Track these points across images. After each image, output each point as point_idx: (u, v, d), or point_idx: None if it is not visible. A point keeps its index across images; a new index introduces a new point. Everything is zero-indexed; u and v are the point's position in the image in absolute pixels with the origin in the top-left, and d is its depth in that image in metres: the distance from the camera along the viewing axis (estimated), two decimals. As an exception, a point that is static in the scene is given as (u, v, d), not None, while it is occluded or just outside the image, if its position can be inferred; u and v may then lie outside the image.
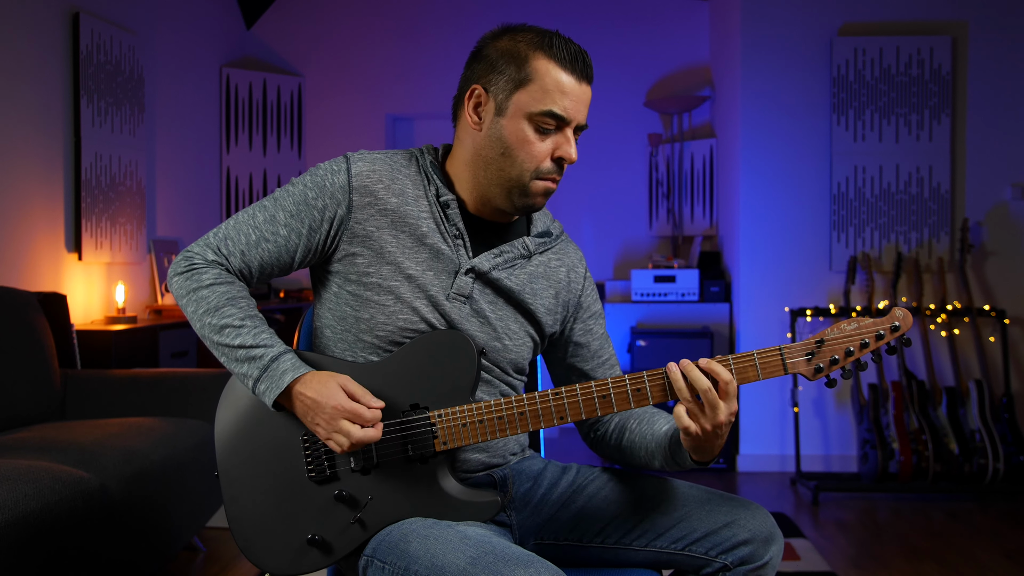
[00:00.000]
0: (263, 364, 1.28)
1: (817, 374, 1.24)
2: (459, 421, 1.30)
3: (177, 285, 1.34)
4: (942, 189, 4.19)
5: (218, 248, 1.35)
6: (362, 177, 1.34)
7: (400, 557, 1.21)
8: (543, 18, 5.15)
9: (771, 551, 1.34)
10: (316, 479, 1.31)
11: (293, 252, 1.36)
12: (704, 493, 1.40)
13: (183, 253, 1.36)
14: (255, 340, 1.29)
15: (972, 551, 3.11)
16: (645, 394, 1.27)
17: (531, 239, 1.43)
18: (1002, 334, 4.04)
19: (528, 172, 1.32)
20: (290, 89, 5.17)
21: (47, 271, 3.44)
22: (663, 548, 1.37)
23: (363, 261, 1.35)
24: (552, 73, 1.29)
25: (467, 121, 1.35)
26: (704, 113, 5.06)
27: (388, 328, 1.34)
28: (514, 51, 1.31)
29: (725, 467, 4.24)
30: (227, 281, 1.33)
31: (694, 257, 4.66)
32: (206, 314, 1.31)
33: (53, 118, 3.49)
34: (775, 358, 1.25)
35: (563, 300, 1.47)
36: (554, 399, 1.29)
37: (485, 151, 1.34)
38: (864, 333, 1.24)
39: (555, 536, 1.43)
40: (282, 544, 1.32)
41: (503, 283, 1.39)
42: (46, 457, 2.04)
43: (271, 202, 1.36)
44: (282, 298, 4.89)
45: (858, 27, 4.26)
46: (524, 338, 1.43)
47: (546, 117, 1.30)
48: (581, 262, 1.51)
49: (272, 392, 1.27)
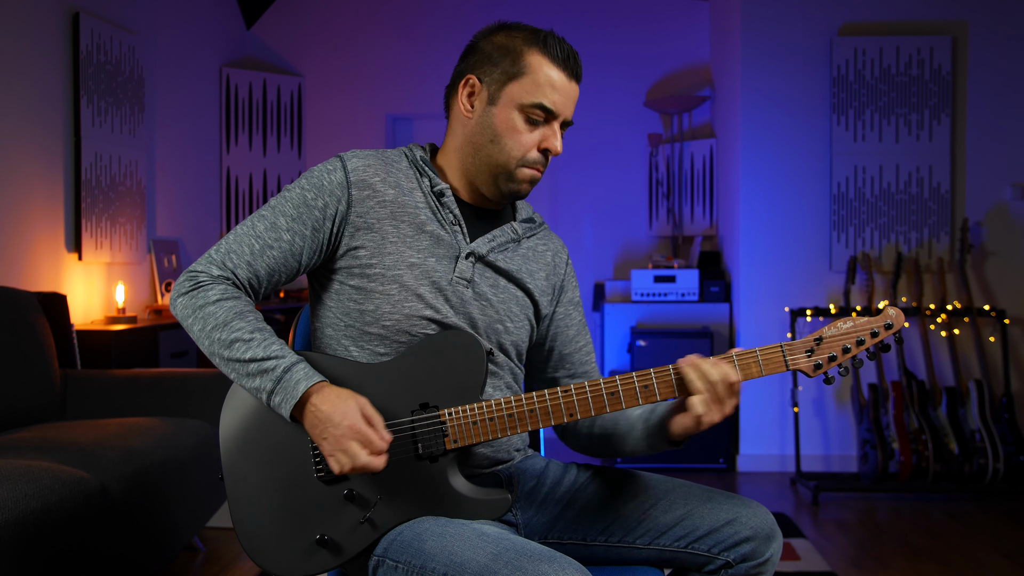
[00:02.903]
0: (276, 376, 1.26)
1: (816, 371, 1.30)
2: (469, 419, 1.30)
3: (182, 306, 1.32)
4: (942, 189, 4.19)
5: (223, 263, 1.33)
6: (359, 172, 1.37)
7: (415, 556, 1.21)
8: (543, 18, 5.15)
9: (772, 548, 1.37)
10: (325, 479, 1.31)
11: (299, 255, 1.36)
12: (705, 491, 1.42)
13: (186, 273, 1.34)
14: (266, 352, 1.27)
15: (972, 551, 3.11)
16: (653, 391, 1.30)
17: (518, 224, 1.48)
18: (1002, 334, 4.04)
19: (515, 159, 1.38)
20: (290, 89, 5.17)
21: (47, 271, 3.44)
22: (666, 546, 1.39)
23: (366, 253, 1.36)
24: (545, 68, 1.36)
25: (460, 109, 1.41)
26: (704, 113, 5.06)
27: (394, 317, 1.35)
28: (509, 46, 1.38)
29: (725, 467, 4.24)
30: (234, 296, 1.32)
31: (694, 257, 4.66)
32: (214, 330, 1.28)
33: (53, 118, 3.49)
34: (777, 355, 1.29)
35: (552, 282, 1.52)
36: (563, 396, 1.30)
37: (475, 138, 1.39)
38: (860, 331, 1.30)
39: (560, 535, 1.44)
40: (290, 545, 1.31)
41: (501, 265, 1.43)
42: (46, 457, 2.04)
43: (269, 211, 1.36)
44: (282, 298, 4.89)
45: (858, 27, 4.26)
46: (524, 321, 1.47)
47: (536, 109, 1.36)
48: (564, 250, 1.58)
49: (288, 404, 1.25)
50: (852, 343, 1.29)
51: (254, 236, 1.35)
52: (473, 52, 1.41)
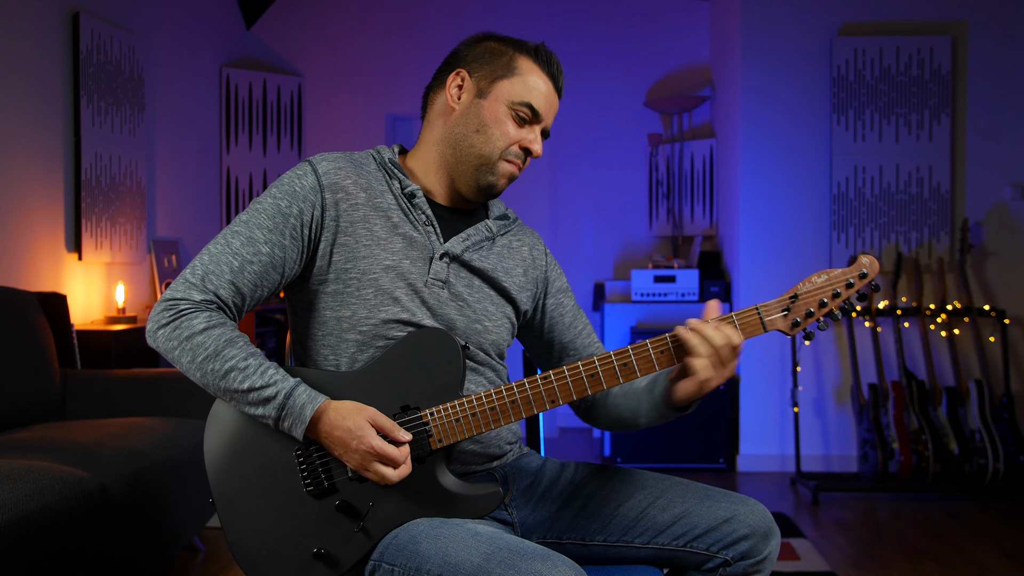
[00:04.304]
0: (279, 403, 1.26)
1: (794, 328, 1.30)
2: (452, 417, 1.30)
3: (164, 338, 1.28)
4: (942, 189, 4.19)
5: (203, 285, 1.29)
6: (330, 175, 1.37)
7: (410, 558, 1.21)
8: (543, 18, 5.16)
9: (770, 545, 1.37)
10: (315, 492, 1.30)
11: (280, 266, 1.34)
12: (703, 489, 1.42)
13: (163, 302, 1.29)
14: (264, 380, 1.26)
15: (972, 551, 3.11)
16: (632, 368, 1.30)
17: (492, 222, 1.49)
18: (1002, 334, 4.04)
19: (499, 149, 1.40)
20: (290, 89, 5.17)
21: (47, 271, 3.44)
22: (665, 545, 1.39)
23: (340, 258, 1.36)
24: (535, 74, 1.42)
25: (445, 101, 1.43)
26: (704, 113, 5.06)
27: (371, 322, 1.35)
28: (501, 50, 1.43)
29: (725, 467, 4.24)
30: (219, 323, 1.28)
31: (694, 257, 4.66)
32: (206, 361, 1.26)
33: (53, 118, 3.49)
34: (753, 318, 1.30)
35: (532, 277, 1.53)
36: (543, 383, 1.31)
37: (459, 128, 1.41)
38: (835, 283, 1.29)
39: (558, 535, 1.44)
40: (287, 563, 1.30)
41: (476, 264, 1.43)
42: (46, 457, 2.04)
43: (242, 225, 1.33)
44: (282, 298, 4.89)
45: (858, 27, 4.26)
46: (502, 319, 1.47)
47: (525, 108, 1.40)
48: (540, 241, 1.59)
49: (299, 428, 1.26)
50: (828, 296, 1.29)
51: (231, 253, 1.31)
52: (459, 55, 1.45)
